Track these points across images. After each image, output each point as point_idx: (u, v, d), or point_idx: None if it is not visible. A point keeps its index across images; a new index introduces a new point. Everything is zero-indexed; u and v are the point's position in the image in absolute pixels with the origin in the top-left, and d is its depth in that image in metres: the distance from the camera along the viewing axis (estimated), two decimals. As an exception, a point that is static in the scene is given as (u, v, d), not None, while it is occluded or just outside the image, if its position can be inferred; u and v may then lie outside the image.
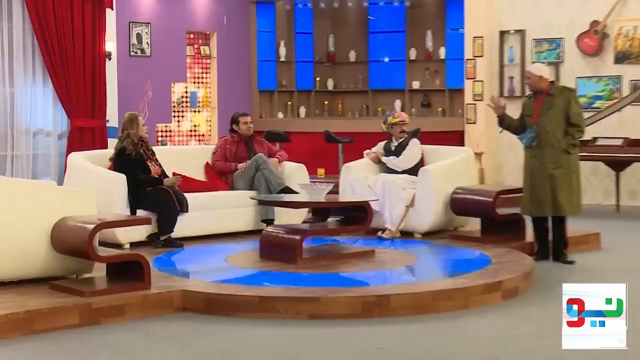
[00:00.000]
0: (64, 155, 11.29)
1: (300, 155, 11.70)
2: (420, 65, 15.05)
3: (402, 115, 9.69)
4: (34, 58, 11.62)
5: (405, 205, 8.97)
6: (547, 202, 8.23)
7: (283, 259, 7.58)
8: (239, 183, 9.53)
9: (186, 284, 6.84)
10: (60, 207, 6.74)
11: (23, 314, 5.88)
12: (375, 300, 6.31)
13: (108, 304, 6.21)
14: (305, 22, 15.39)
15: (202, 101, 14.34)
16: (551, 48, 12.99)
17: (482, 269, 7.26)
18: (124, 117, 8.78)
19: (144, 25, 13.25)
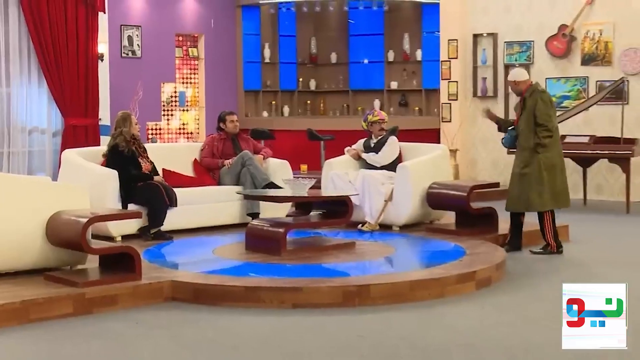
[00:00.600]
0: (58, 152, 11.24)
1: (284, 152, 11.67)
2: (398, 67, 15.04)
3: (381, 114, 9.69)
4: (30, 59, 11.54)
5: (384, 199, 8.96)
6: (520, 199, 8.26)
7: (268, 251, 7.56)
8: (225, 178, 9.50)
9: (175, 274, 6.81)
10: (55, 201, 6.70)
11: (19, 303, 5.84)
12: (355, 290, 6.31)
13: (100, 294, 6.18)
14: (289, 25, 15.36)
15: (191, 100, 14.29)
16: (522, 50, 13.01)
17: (456, 260, 7.26)
18: (117, 115, 8.74)
19: (135, 28, 13.18)
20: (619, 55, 12.22)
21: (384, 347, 5.33)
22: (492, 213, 8.85)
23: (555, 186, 8.30)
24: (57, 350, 5.33)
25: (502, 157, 12.89)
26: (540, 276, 7.31)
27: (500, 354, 5.18)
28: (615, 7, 12.27)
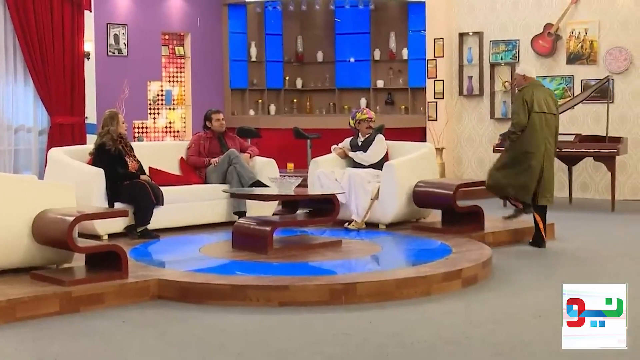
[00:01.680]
0: (45, 151, 11.18)
1: (270, 150, 11.67)
2: (384, 65, 15.04)
3: (370, 112, 9.68)
4: (15, 57, 11.48)
5: (370, 197, 8.97)
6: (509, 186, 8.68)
7: (254, 249, 7.56)
8: (212, 177, 9.49)
9: (162, 273, 6.81)
10: (41, 200, 6.69)
11: (5, 302, 5.83)
12: (342, 288, 6.32)
13: (87, 292, 6.17)
14: (275, 23, 15.35)
15: (177, 99, 14.26)
16: (507, 49, 13.05)
17: (443, 258, 7.28)
18: (104, 114, 8.72)
19: (121, 26, 13.15)
20: (604, 54, 12.27)
21: (371, 345, 5.34)
22: (478, 211, 8.87)
23: (515, 179, 8.53)
24: (43, 349, 5.31)
25: (487, 156, 12.93)
26: (527, 274, 7.34)
27: (486, 351, 5.20)
28: (600, 6, 12.32)
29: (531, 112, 8.47)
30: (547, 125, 8.57)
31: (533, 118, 8.47)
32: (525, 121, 8.49)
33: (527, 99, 8.51)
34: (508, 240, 8.73)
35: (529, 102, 8.49)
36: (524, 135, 8.48)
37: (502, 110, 13.10)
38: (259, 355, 5.20)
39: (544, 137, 8.52)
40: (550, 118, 8.61)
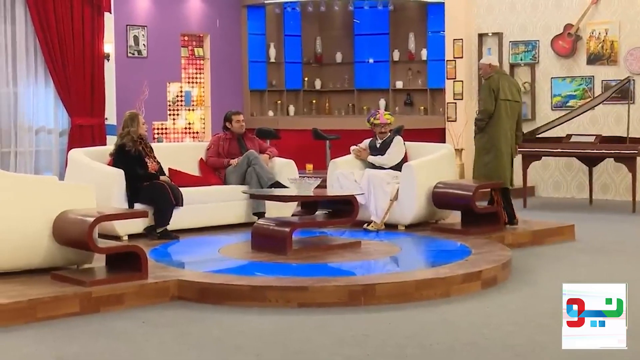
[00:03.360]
0: (65, 152, 11.24)
1: (289, 151, 11.68)
2: (403, 66, 15.03)
3: (382, 118, 9.57)
4: (36, 59, 11.56)
5: (390, 198, 8.96)
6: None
7: (273, 250, 7.57)
8: (231, 178, 9.51)
9: (181, 274, 6.83)
10: (62, 201, 6.72)
11: (26, 302, 5.86)
12: (361, 289, 6.31)
13: (107, 293, 6.20)
14: (294, 25, 15.35)
15: (196, 100, 14.30)
16: (527, 50, 13.01)
17: (462, 260, 7.27)
18: (124, 115, 8.75)
19: (141, 28, 13.20)
20: (624, 54, 12.21)
21: (390, 346, 5.34)
22: (497, 212, 8.85)
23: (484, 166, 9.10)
24: (63, 349, 5.34)
25: (507, 157, 12.88)
26: (546, 275, 7.31)
27: (505, 353, 5.19)
28: (620, 7, 12.26)
29: (497, 99, 8.98)
30: (512, 112, 9.13)
31: (499, 105, 8.98)
32: (492, 108, 9.00)
33: (494, 87, 9.00)
34: (528, 242, 8.69)
35: (495, 90, 9.01)
36: (491, 122, 9.00)
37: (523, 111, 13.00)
38: (277, 356, 5.21)
39: (509, 124, 9.08)
40: (514, 105, 9.19)
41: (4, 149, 11.37)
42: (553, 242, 8.83)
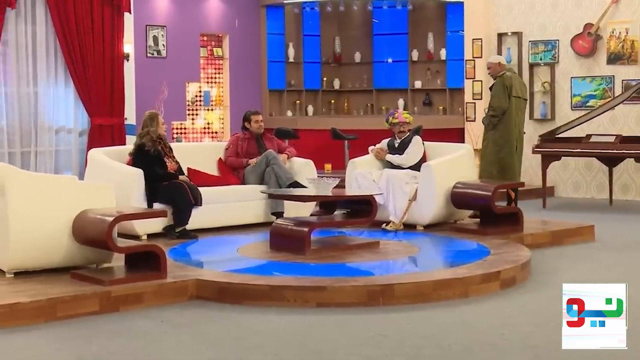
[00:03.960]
0: (85, 152, 11.29)
1: (308, 151, 11.68)
2: (422, 66, 15.01)
3: (401, 117, 9.57)
4: (56, 59, 11.61)
5: (408, 199, 8.95)
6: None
7: (292, 250, 7.57)
8: (250, 178, 9.53)
9: (200, 273, 6.85)
10: (81, 200, 6.75)
11: (46, 301, 5.90)
12: (379, 290, 6.31)
13: (126, 292, 6.22)
14: (313, 24, 15.36)
15: (215, 100, 14.33)
16: (547, 49, 12.96)
17: (481, 260, 7.25)
18: (144, 114, 8.78)
19: (160, 28, 13.25)
20: (645, 54, 12.15)
21: (408, 346, 5.33)
22: (516, 212, 8.82)
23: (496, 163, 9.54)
24: (83, 347, 5.37)
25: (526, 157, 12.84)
26: (566, 276, 7.27)
27: (524, 354, 5.17)
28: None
29: (510, 96, 9.46)
30: (520, 109, 9.66)
31: (511, 102, 9.47)
32: (506, 105, 9.47)
33: (507, 84, 9.46)
34: (547, 242, 8.66)
35: (508, 87, 9.47)
36: (503, 118, 9.45)
37: (542, 111, 13.00)
38: (295, 356, 5.22)
39: (519, 120, 9.62)
40: (523, 103, 9.73)
41: (24, 148, 11.43)
42: (573, 243, 8.79)
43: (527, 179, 12.71)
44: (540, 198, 11.53)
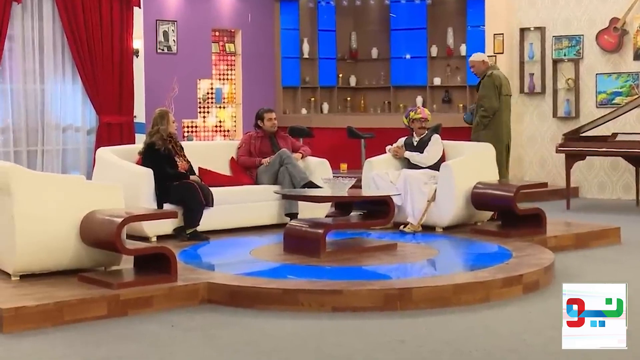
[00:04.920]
0: (93, 150, 11.33)
1: (323, 150, 11.69)
2: (441, 62, 14.98)
3: (424, 112, 9.60)
4: (64, 55, 11.65)
5: (427, 199, 8.93)
6: None
7: (306, 253, 7.57)
8: (263, 177, 9.53)
9: (211, 276, 6.85)
10: (89, 200, 6.77)
11: (53, 304, 5.92)
12: (397, 293, 6.30)
13: (135, 295, 6.24)
14: (328, 19, 15.37)
15: (227, 97, 14.35)
16: (571, 45, 12.91)
17: (502, 263, 7.23)
18: (154, 112, 8.80)
19: (171, 23, 13.27)
20: (673, 49, 12.09)
21: (426, 352, 5.32)
22: (539, 214, 8.79)
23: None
24: (91, 352, 5.38)
25: (550, 156, 12.82)
26: (591, 280, 7.23)
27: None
28: (669, 0, 12.14)
29: (500, 95, 9.75)
30: (508, 106, 9.98)
31: (501, 100, 9.78)
32: (497, 105, 9.75)
33: (497, 83, 9.74)
34: (571, 244, 8.63)
35: (498, 86, 9.75)
36: (494, 117, 9.74)
37: (565, 109, 12.95)
38: (310, 361, 5.22)
39: (507, 117, 9.92)
40: (509, 100, 10.07)
41: (31, 147, 11.47)
42: (598, 246, 8.75)
43: (550, 179, 12.69)
44: (564, 199, 11.48)
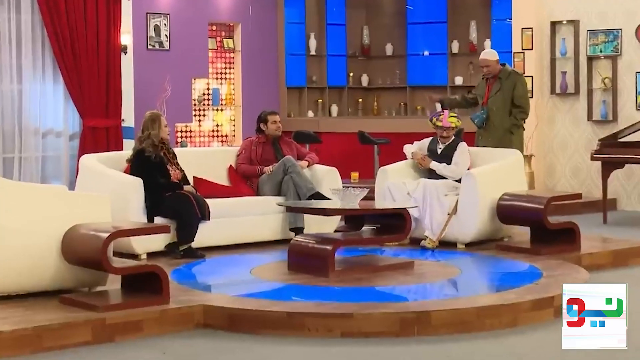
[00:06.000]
0: (76, 158, 11.35)
1: (332, 157, 11.70)
2: (464, 60, 15.01)
3: (445, 121, 9.45)
4: (44, 52, 11.68)
5: (448, 212, 8.93)
6: None
7: (313, 271, 7.58)
8: (265, 188, 9.54)
9: (208, 298, 6.87)
10: (72, 213, 6.78)
11: (31, 329, 5.91)
12: (414, 317, 6.30)
13: (123, 319, 6.24)
14: (338, 12, 15.40)
15: (225, 99, 14.38)
16: (608, 40, 12.91)
17: (532, 283, 7.23)
18: (145, 115, 8.81)
19: (163, 16, 13.31)
20: None
21: (448, 383, 5.32)
22: (573, 229, 8.78)
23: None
24: (73, 383, 5.39)
25: (584, 164, 12.80)
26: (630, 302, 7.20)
27: (581, 392, 5.19)
28: None
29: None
30: None
31: None
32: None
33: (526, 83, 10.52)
34: (608, 263, 8.62)
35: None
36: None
37: (602, 112, 12.95)
38: (318, 393, 5.22)
39: None
40: None
41: (7, 154, 11.50)
42: (638, 264, 8.74)
43: (585, 189, 12.68)
44: (600, 212, 11.46)
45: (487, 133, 10.27)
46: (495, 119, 10.23)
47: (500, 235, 9.23)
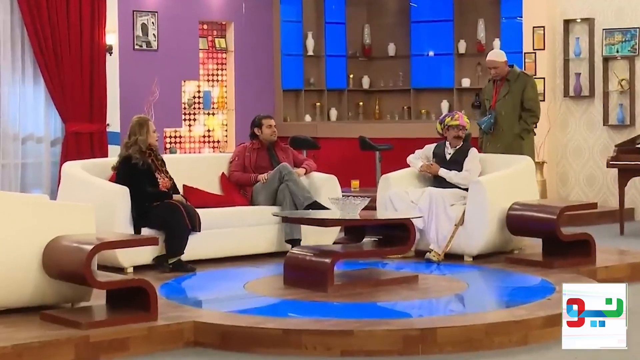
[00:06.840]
0: (58, 165, 11.35)
1: (330, 164, 11.71)
2: (471, 60, 15.02)
3: (462, 119, 9.48)
4: (24, 52, 11.67)
5: (454, 223, 8.94)
6: None
7: (311, 286, 7.59)
8: (259, 197, 9.55)
9: (198, 314, 6.88)
10: (54, 224, 6.79)
11: (10, 348, 5.91)
12: (418, 335, 6.31)
13: (108, 337, 6.24)
14: (337, 10, 15.42)
15: (217, 102, 14.40)
16: (625, 39, 12.93)
17: (544, 298, 7.24)
18: (132, 120, 8.82)
19: (150, 14, 13.32)
20: None
21: (454, 404, 5.34)
22: (587, 240, 8.80)
23: None
24: (55, 405, 5.40)
25: (600, 172, 12.81)
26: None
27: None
28: None
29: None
30: None
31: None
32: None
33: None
34: (625, 277, 8.61)
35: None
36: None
37: (619, 116, 12.97)
38: (316, 415, 5.23)
39: None
40: None
41: (-16, 161, 11.51)
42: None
43: (600, 198, 12.69)
44: (616, 222, 11.47)
45: (495, 138, 10.27)
46: (503, 123, 10.24)
47: (510, 247, 9.24)
